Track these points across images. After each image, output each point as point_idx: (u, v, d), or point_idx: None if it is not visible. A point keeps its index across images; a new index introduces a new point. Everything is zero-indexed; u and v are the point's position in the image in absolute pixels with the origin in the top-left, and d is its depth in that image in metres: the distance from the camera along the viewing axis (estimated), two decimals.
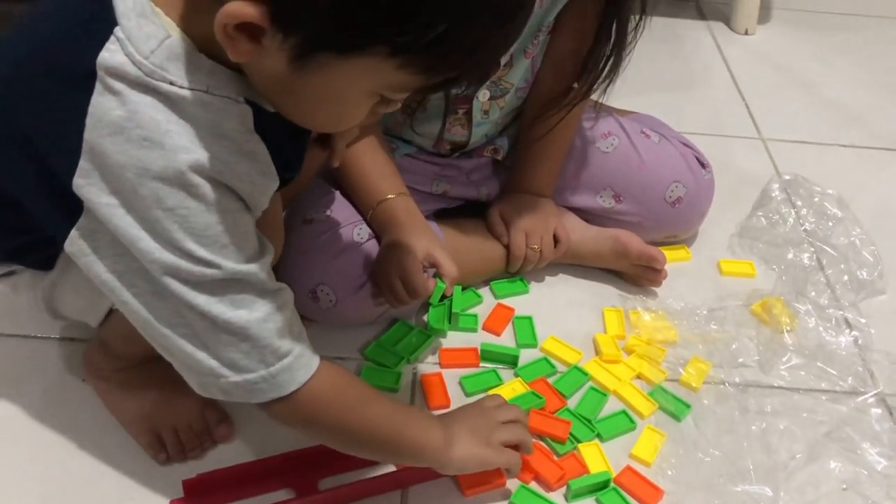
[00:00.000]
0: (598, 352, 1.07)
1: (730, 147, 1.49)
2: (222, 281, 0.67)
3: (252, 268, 0.68)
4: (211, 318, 0.67)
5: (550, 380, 1.02)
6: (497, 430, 0.85)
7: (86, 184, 0.64)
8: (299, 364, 0.71)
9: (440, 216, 1.14)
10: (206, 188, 0.64)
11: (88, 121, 0.63)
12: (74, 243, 0.69)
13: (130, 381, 0.91)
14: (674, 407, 0.99)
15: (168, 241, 0.64)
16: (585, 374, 1.03)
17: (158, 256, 0.65)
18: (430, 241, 0.99)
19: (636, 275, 1.16)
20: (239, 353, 0.69)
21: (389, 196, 1.01)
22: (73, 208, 0.67)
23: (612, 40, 0.99)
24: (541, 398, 0.98)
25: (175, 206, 0.64)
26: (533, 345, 1.07)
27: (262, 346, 0.69)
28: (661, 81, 1.67)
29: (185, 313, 0.68)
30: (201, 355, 0.69)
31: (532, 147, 1.12)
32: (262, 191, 0.70)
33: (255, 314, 0.68)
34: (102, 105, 0.62)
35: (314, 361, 0.73)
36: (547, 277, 1.18)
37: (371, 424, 0.77)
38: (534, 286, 1.16)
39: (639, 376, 1.04)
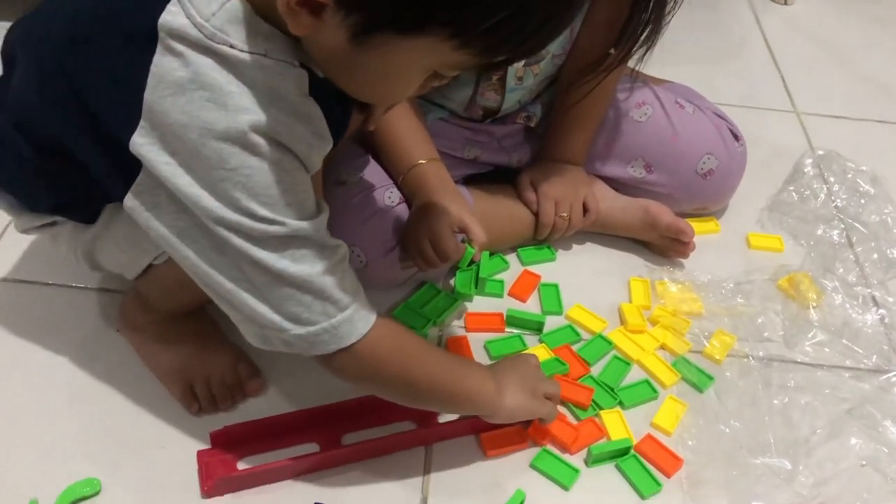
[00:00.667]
0: (623, 321, 1.07)
1: (763, 120, 1.48)
2: (284, 238, 0.68)
3: (312, 224, 0.70)
4: (274, 273, 0.68)
5: (575, 347, 1.03)
6: (541, 381, 0.89)
7: (145, 143, 0.65)
8: (359, 316, 0.73)
9: (470, 181, 1.14)
10: (266, 148, 0.65)
11: (150, 80, 0.63)
12: (133, 200, 0.70)
13: (165, 334, 0.93)
14: (696, 378, 1.00)
15: (230, 201, 0.65)
16: (610, 342, 1.04)
17: (221, 214, 0.66)
18: (460, 207, 0.99)
19: (664, 246, 1.16)
20: (301, 306, 0.70)
21: (421, 161, 1.01)
22: (129, 166, 0.68)
23: (650, 8, 0.98)
24: (564, 365, 0.99)
25: (238, 165, 0.64)
26: (558, 312, 1.08)
27: (323, 299, 0.70)
28: (696, 51, 1.64)
29: (246, 268, 0.69)
30: (263, 308, 0.70)
31: (565, 114, 1.12)
32: (318, 152, 0.71)
33: (316, 268, 0.70)
34: (164, 65, 0.63)
35: (372, 315, 0.74)
36: (574, 246, 1.18)
37: (430, 375, 0.80)
38: (561, 254, 1.17)
39: (663, 347, 1.04)
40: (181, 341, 0.92)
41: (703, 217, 1.23)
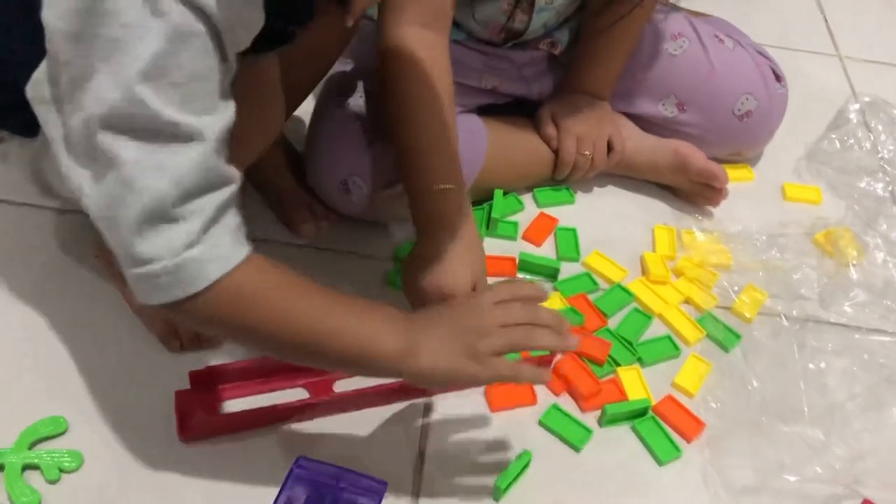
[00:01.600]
0: (644, 271, 0.99)
1: (802, 62, 1.37)
2: (155, 130, 0.56)
3: (196, 122, 0.57)
4: (128, 177, 0.56)
5: (591, 297, 0.94)
6: (487, 336, 0.68)
7: (48, 4, 0.56)
8: (213, 255, 0.59)
9: (486, 112, 1.04)
10: (172, 5, 0.54)
11: None
12: (34, 87, 0.61)
13: None
14: (723, 336, 0.92)
15: (118, 73, 0.54)
16: (630, 293, 0.95)
17: (104, 95, 0.55)
18: (475, 270, 0.81)
19: (693, 192, 1.06)
20: (147, 237, 0.57)
21: (446, 186, 0.81)
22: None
23: None
24: (579, 315, 0.91)
25: (132, 22, 0.53)
26: (575, 259, 0.99)
27: (172, 228, 0.57)
28: None
29: (108, 173, 0.57)
30: (115, 237, 0.59)
31: (593, 42, 1.02)
32: (243, 21, 0.60)
33: (179, 176, 0.57)
34: None
35: (238, 253, 0.60)
36: (595, 188, 1.09)
37: (299, 326, 0.64)
38: (580, 196, 1.08)
39: (687, 301, 0.96)
40: None
41: (737, 164, 1.14)
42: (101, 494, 0.73)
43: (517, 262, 0.97)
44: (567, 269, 0.97)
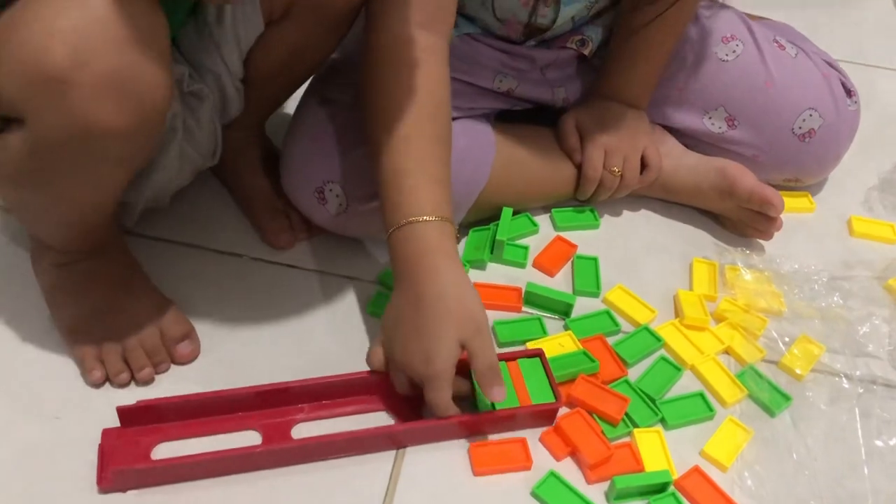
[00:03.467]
0: (678, 313, 0.83)
1: (878, 80, 1.21)
2: None
3: None
4: None
5: (611, 340, 0.79)
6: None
7: None
8: None
9: (499, 119, 0.90)
10: None
11: None
12: None
13: (70, 280, 0.72)
14: (768, 396, 0.76)
15: None
16: (658, 339, 0.80)
17: None
18: (465, 331, 0.66)
19: (742, 221, 0.91)
20: None
21: (426, 218, 0.68)
22: None
23: None
24: (594, 361, 0.76)
25: None
26: (594, 293, 0.84)
27: None
28: None
29: None
30: None
31: (628, 42, 0.87)
32: None
33: None
34: None
35: None
36: (625, 211, 0.94)
37: None
38: (606, 220, 0.93)
39: (727, 351, 0.80)
40: (87, 290, 0.72)
41: (795, 191, 0.98)
42: None
43: (522, 293, 0.82)
44: (583, 305, 0.83)
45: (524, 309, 0.82)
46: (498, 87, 0.89)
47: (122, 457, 0.66)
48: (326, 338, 0.77)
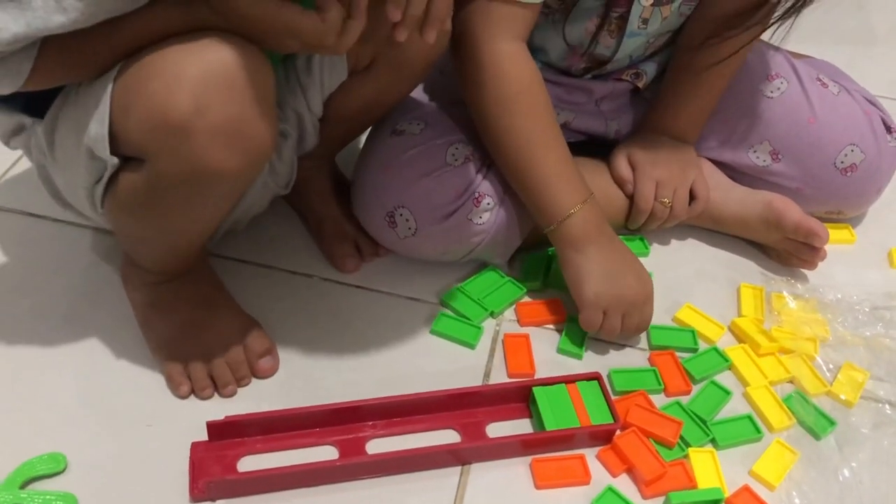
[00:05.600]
0: (740, 339, 0.87)
1: None
2: None
3: None
4: None
5: (680, 357, 0.84)
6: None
7: None
8: None
9: None
10: None
11: None
12: None
13: (160, 299, 0.78)
14: (814, 420, 0.79)
15: None
16: (726, 359, 0.84)
17: None
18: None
19: (786, 252, 0.94)
20: None
21: (575, 209, 0.81)
22: None
23: None
24: (660, 384, 0.81)
25: None
26: None
27: None
28: (839, 31, 1.40)
29: None
30: None
31: (682, 79, 0.92)
32: None
33: None
34: None
35: None
36: (673, 241, 0.98)
37: None
38: (656, 249, 0.97)
39: (791, 381, 0.83)
40: (175, 308, 0.77)
41: (836, 223, 1.01)
42: None
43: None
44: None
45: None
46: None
47: (211, 468, 0.70)
48: (392, 356, 0.82)
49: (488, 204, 0.84)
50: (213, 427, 0.72)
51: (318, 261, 0.90)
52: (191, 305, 0.77)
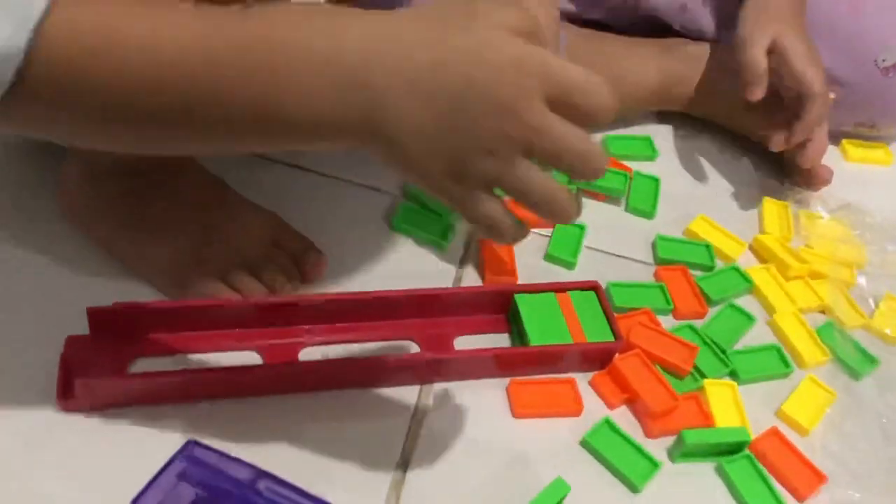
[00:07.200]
0: (762, 259, 0.73)
1: None
2: None
3: None
4: None
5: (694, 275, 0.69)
6: (489, 154, 0.40)
7: None
8: None
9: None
10: None
11: None
12: None
13: (148, 206, 0.60)
14: (854, 357, 0.65)
15: None
16: (748, 280, 0.69)
17: None
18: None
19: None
20: None
21: None
22: None
23: None
24: (669, 303, 0.65)
25: None
26: (649, 215, 0.75)
27: None
28: None
29: None
30: None
31: None
32: None
33: None
34: None
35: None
36: (684, 146, 0.83)
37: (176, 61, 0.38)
38: (665, 153, 0.82)
39: (823, 310, 0.69)
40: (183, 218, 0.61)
41: (868, 141, 0.87)
42: None
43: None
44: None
45: None
46: None
47: (90, 370, 0.54)
48: (343, 253, 0.65)
49: None
50: (96, 315, 0.54)
51: None
52: (198, 211, 0.61)
